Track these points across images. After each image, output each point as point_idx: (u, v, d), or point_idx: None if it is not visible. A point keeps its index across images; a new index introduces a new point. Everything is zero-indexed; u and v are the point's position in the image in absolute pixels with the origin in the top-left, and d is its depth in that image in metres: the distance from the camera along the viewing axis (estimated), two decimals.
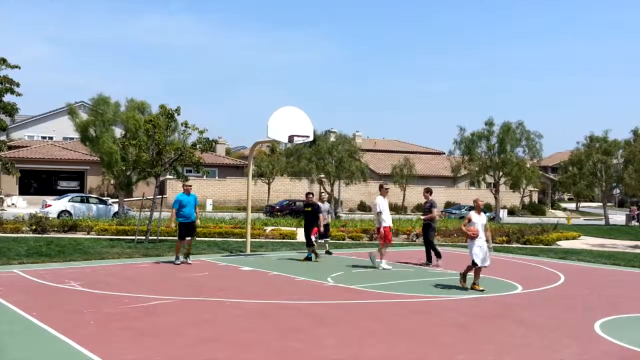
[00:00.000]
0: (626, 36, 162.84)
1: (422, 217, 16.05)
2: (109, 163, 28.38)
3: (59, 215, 28.05)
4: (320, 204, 16.63)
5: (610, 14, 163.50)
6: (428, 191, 15.70)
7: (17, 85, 26.97)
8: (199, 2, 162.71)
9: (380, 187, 14.86)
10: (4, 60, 26.50)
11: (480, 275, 11.39)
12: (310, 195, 16.48)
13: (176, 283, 11.54)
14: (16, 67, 26.82)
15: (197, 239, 20.55)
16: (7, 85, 26.78)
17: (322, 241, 16.74)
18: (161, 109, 20.26)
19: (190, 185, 15.20)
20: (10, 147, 42.48)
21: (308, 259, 15.50)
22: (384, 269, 13.93)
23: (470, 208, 45.50)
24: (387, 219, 14.26)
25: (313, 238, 15.49)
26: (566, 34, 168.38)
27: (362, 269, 14.19)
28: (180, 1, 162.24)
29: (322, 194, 18.22)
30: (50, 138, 58.69)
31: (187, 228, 14.56)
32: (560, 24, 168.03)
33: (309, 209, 15.92)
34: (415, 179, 53.40)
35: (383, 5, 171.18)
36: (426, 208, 15.47)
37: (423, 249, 15.59)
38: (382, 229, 14.08)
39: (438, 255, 15.25)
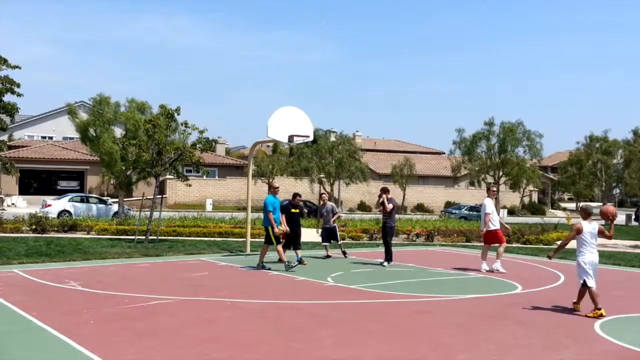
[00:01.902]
0: (626, 36, 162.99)
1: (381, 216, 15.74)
2: (109, 163, 28.37)
3: (58, 215, 28.05)
4: (330, 203, 16.42)
5: (610, 14, 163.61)
6: (385, 191, 15.32)
7: (18, 85, 27.00)
8: (199, 2, 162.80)
9: (488, 189, 14.88)
10: (5, 61, 26.55)
11: (481, 276, 11.38)
12: (299, 197, 15.12)
13: (176, 283, 11.54)
14: (17, 67, 26.86)
15: (197, 238, 20.61)
16: (7, 85, 26.81)
17: (328, 244, 16.36)
18: (161, 109, 20.26)
19: (278, 187, 14.73)
20: (10, 147, 42.53)
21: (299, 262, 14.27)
22: (498, 270, 14.03)
23: (471, 208, 45.66)
24: (495, 222, 14.27)
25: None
26: (566, 34, 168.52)
27: (362, 269, 14.19)
28: (180, 1, 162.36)
29: (323, 194, 17.16)
30: (50, 138, 58.69)
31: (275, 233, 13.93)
32: (560, 24, 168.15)
33: (296, 210, 14.72)
34: (415, 179, 53.41)
35: (383, 5, 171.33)
36: (379, 203, 15.19)
37: (423, 248, 15.60)
38: (490, 232, 14.16)
39: (388, 256, 14.82)
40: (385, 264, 14.60)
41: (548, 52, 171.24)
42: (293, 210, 14.54)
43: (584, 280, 9.22)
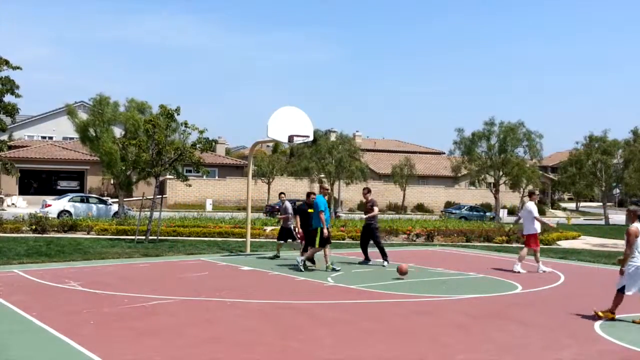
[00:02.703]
0: (626, 36, 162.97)
1: (364, 216, 15.55)
2: (109, 163, 28.35)
3: (58, 215, 28.03)
4: (287, 203, 15.94)
5: (610, 14, 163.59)
6: (368, 191, 15.36)
7: (18, 87, 27.02)
8: (199, 2, 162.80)
9: (532, 193, 14.96)
10: (6, 62, 26.53)
11: (481, 275, 11.38)
12: (313, 196, 14.86)
13: (176, 283, 11.54)
14: (18, 68, 26.85)
15: (197, 238, 20.61)
16: (8, 86, 26.81)
17: (283, 242, 15.77)
18: (161, 109, 20.26)
19: (328, 188, 14.76)
20: (10, 147, 42.51)
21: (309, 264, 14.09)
22: (544, 271, 14.17)
23: (471, 208, 45.62)
24: (538, 226, 14.35)
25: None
26: (566, 34, 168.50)
27: (362, 269, 14.19)
28: (180, 1, 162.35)
29: (282, 194, 16.67)
30: (50, 138, 58.68)
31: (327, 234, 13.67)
32: (560, 24, 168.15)
33: (312, 210, 14.27)
34: (415, 179, 53.41)
35: (383, 5, 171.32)
36: (368, 208, 15.12)
37: (423, 248, 15.59)
38: (532, 235, 14.25)
39: (384, 256, 14.76)
40: (386, 264, 14.60)
41: (548, 52, 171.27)
42: (310, 211, 14.07)
43: (623, 287, 8.76)
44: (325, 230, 13.35)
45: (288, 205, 16.00)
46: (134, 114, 27.78)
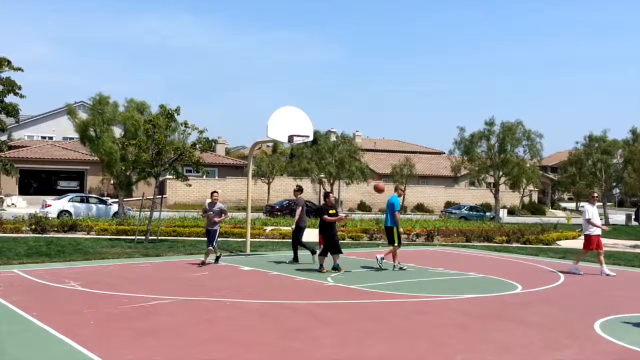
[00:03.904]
0: (626, 36, 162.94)
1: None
2: (109, 163, 28.37)
3: (58, 215, 28.04)
4: (219, 204, 14.55)
5: (610, 14, 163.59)
6: (299, 190, 15.14)
7: (19, 87, 27.06)
8: (199, 2, 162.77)
9: (592, 196, 14.92)
10: (8, 62, 26.56)
11: (481, 276, 11.39)
12: (332, 196, 14.40)
13: (176, 283, 11.53)
14: (19, 69, 26.89)
15: (197, 238, 20.59)
16: (9, 87, 26.85)
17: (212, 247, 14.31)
18: (161, 109, 20.26)
19: (402, 189, 14.73)
20: (10, 147, 42.49)
21: (335, 268, 13.60)
22: (608, 274, 14.06)
23: (471, 208, 45.66)
24: (594, 228, 14.29)
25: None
26: (566, 34, 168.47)
27: (362, 269, 14.19)
28: (180, 1, 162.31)
29: (214, 192, 14.91)
30: (50, 138, 58.65)
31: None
32: (560, 24, 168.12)
33: (333, 211, 13.93)
34: (415, 179, 53.41)
35: (383, 5, 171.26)
36: (294, 208, 14.89)
37: (423, 248, 15.59)
38: (590, 236, 14.23)
39: (313, 251, 14.54)
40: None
41: (548, 52, 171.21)
42: (331, 212, 13.74)
43: None
44: (400, 230, 13.82)
45: (218, 206, 14.46)
46: (133, 114, 27.78)
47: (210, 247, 14.05)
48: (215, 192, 14.78)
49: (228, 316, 8.73)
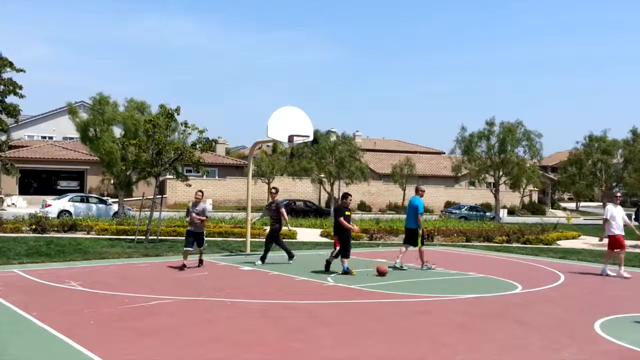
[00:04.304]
0: (626, 36, 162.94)
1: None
2: (109, 163, 28.37)
3: (58, 215, 28.05)
4: (202, 204, 13.75)
5: (610, 14, 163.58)
6: (277, 192, 15.02)
7: (21, 87, 27.11)
8: (199, 2, 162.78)
9: (615, 195, 14.95)
10: (10, 64, 26.61)
11: (481, 276, 11.39)
12: (351, 198, 13.94)
13: (176, 283, 11.53)
14: (21, 70, 26.94)
15: None
16: (10, 87, 26.90)
17: (190, 249, 13.64)
18: (161, 109, 20.25)
19: (424, 190, 14.79)
20: (10, 147, 42.51)
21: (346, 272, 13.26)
22: (625, 277, 13.98)
23: (471, 208, 45.64)
24: (618, 227, 14.28)
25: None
26: (566, 34, 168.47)
27: (362, 269, 14.18)
28: (180, 1, 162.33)
29: (199, 191, 14.08)
30: (50, 138, 58.65)
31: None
32: (560, 24, 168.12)
33: (349, 212, 13.60)
34: (416, 179, 53.40)
35: (383, 5, 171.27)
36: (274, 209, 14.64)
37: (424, 248, 15.52)
38: (610, 237, 14.24)
39: (264, 258, 14.48)
40: (259, 262, 14.27)
41: (548, 52, 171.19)
42: (347, 214, 13.43)
43: None
44: (421, 231, 13.97)
45: (201, 206, 13.74)
46: (133, 114, 27.78)
47: (190, 249, 13.40)
48: (199, 191, 13.94)
49: (228, 316, 8.73)
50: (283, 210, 14.78)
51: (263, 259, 14.55)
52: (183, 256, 13.58)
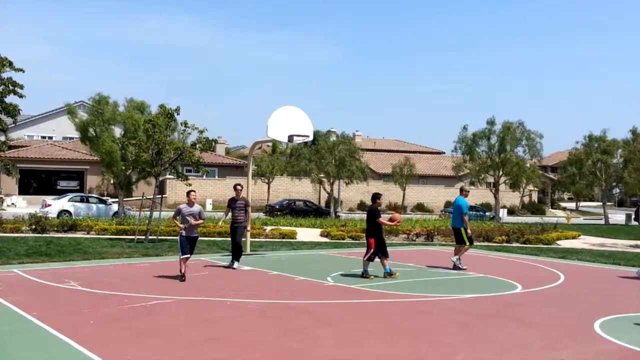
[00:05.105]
0: (626, 36, 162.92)
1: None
2: (109, 163, 28.35)
3: (58, 215, 28.04)
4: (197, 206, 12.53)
5: (610, 14, 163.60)
6: (241, 187, 14.31)
7: (21, 87, 27.07)
8: (199, 2, 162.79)
9: None
10: (10, 63, 26.57)
11: (481, 275, 11.39)
12: (379, 199, 13.44)
13: (176, 283, 11.52)
14: (20, 70, 26.90)
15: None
16: (10, 87, 26.86)
17: (189, 256, 12.18)
18: (161, 109, 20.25)
19: (469, 191, 15.04)
20: (10, 147, 42.50)
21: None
22: None
23: (471, 208, 45.63)
24: None
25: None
26: (566, 34, 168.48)
27: (362, 269, 14.16)
28: (180, 1, 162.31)
29: (192, 191, 12.69)
30: (50, 138, 58.64)
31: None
32: (560, 24, 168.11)
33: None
34: (415, 179, 53.41)
35: (383, 5, 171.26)
36: (241, 206, 14.04)
37: (423, 248, 15.58)
38: None
39: (237, 257, 13.86)
40: (236, 264, 13.75)
41: (548, 52, 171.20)
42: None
43: None
44: (468, 231, 14.52)
45: (197, 208, 12.49)
46: (133, 114, 27.77)
47: (189, 255, 11.95)
48: (193, 191, 12.48)
49: (228, 316, 8.72)
50: (249, 209, 14.31)
51: (237, 257, 13.85)
52: (182, 265, 11.85)
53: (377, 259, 12.81)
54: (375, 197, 13.35)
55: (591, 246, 22.45)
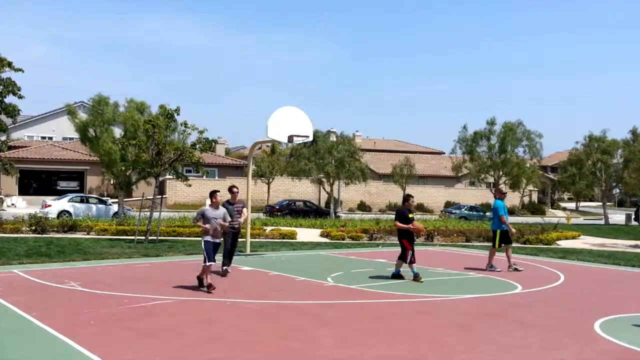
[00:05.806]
0: (626, 36, 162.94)
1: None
2: (109, 163, 28.36)
3: (58, 216, 28.03)
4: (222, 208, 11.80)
5: (610, 14, 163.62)
6: (238, 190, 13.59)
7: (19, 89, 27.07)
8: (199, 2, 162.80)
9: None
10: (9, 64, 26.56)
11: (481, 275, 11.38)
12: (412, 199, 12.81)
13: (176, 283, 11.52)
14: (20, 70, 26.89)
15: (197, 238, 20.56)
16: (9, 87, 26.85)
17: (213, 263, 10.98)
18: (161, 109, 20.25)
19: (506, 193, 15.11)
20: (10, 147, 42.51)
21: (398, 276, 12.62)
22: None
23: (471, 208, 45.68)
24: None
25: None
26: (566, 34, 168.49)
27: (362, 269, 14.17)
28: (180, 1, 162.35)
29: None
30: (50, 138, 58.63)
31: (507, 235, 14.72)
32: (560, 24, 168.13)
33: (412, 215, 12.62)
34: (415, 179, 53.39)
35: (383, 5, 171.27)
36: (238, 210, 13.35)
37: (423, 248, 15.57)
38: None
39: (228, 262, 12.99)
40: (225, 268, 12.87)
41: (548, 52, 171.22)
42: (410, 216, 12.48)
43: None
44: (512, 230, 14.68)
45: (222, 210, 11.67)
46: (133, 114, 27.78)
47: (213, 262, 10.82)
48: (217, 191, 11.35)
49: (228, 316, 8.72)
50: (244, 210, 13.69)
51: (229, 260, 13.14)
52: (207, 274, 10.73)
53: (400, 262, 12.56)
54: (405, 198, 12.83)
55: (591, 246, 22.44)
